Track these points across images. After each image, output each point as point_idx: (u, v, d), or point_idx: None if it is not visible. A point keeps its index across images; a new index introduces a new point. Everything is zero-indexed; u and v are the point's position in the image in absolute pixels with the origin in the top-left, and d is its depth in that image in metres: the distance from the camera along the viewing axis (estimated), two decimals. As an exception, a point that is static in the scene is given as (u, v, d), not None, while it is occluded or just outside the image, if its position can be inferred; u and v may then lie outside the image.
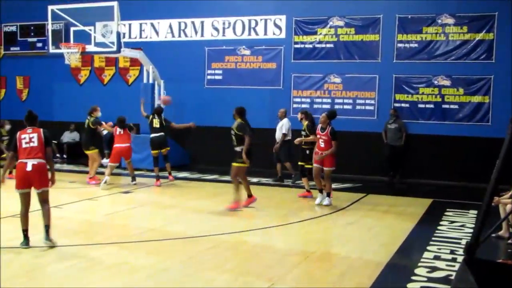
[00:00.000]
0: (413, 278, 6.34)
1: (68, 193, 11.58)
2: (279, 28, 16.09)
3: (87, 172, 13.63)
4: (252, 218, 9.75)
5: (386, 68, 15.01)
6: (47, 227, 7.54)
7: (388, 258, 7.20)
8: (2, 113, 19.20)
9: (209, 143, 16.56)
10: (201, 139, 16.66)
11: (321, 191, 11.09)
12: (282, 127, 13.79)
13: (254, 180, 14.20)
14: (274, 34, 16.19)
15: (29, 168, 7.31)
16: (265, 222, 9.34)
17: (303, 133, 11.85)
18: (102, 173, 13.08)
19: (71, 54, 14.31)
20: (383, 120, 14.85)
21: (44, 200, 7.55)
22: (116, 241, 7.93)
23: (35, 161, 7.35)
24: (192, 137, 16.55)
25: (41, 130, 7.59)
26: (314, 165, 10.99)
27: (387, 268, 6.79)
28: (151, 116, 13.54)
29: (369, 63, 15.24)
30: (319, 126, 11.01)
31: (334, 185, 13.50)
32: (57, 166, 15.49)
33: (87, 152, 13.17)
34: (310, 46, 15.78)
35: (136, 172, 14.22)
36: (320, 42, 15.67)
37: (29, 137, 7.42)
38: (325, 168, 10.85)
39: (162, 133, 13.37)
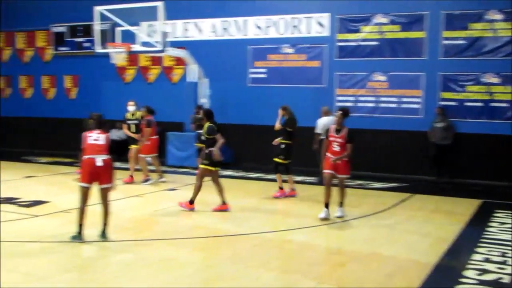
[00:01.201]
0: (462, 280, 6.24)
1: (116, 189, 11.74)
2: (323, 26, 16.00)
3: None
4: (297, 217, 9.73)
5: (432, 65, 14.75)
6: (105, 224, 7.81)
7: (436, 259, 7.10)
8: (52, 111, 19.72)
9: (252, 141, 16.61)
10: (244, 137, 16.71)
11: (327, 205, 9.46)
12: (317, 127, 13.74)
13: (299, 178, 14.17)
14: (317, 32, 16.10)
15: (99, 163, 7.56)
16: (310, 221, 9.31)
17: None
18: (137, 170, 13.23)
19: (117, 54, 14.55)
20: (429, 119, 14.61)
21: (106, 197, 7.81)
22: (163, 238, 8.05)
23: (104, 157, 7.61)
24: (236, 136, 16.62)
25: (107, 134, 7.85)
26: (325, 171, 9.53)
27: (436, 269, 6.69)
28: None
29: (414, 61, 15.00)
30: (333, 127, 9.62)
31: (379, 185, 13.44)
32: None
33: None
34: (354, 43, 15.64)
35: (180, 170, 14.46)
36: (364, 40, 15.52)
37: (96, 136, 7.70)
38: (339, 176, 9.53)
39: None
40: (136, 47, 14.82)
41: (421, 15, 14.83)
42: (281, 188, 11.70)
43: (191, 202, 9.95)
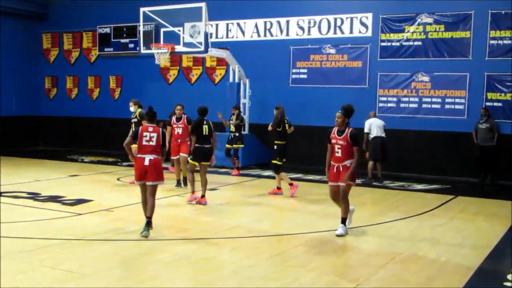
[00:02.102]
0: (506, 284, 6.11)
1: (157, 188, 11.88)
2: (365, 26, 15.86)
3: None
4: (336, 218, 9.63)
5: (477, 65, 14.45)
6: (149, 218, 8.11)
7: (479, 262, 6.96)
8: (96, 111, 20.11)
9: (293, 142, 16.51)
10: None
11: (343, 220, 8.45)
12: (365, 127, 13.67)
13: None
14: (360, 32, 15.98)
15: (146, 162, 8.04)
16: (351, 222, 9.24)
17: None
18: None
19: (160, 54, 14.73)
20: (473, 120, 14.31)
21: (152, 193, 8.15)
22: (202, 237, 8.11)
23: (152, 157, 8.09)
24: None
25: (160, 129, 8.33)
26: (331, 183, 8.41)
27: (478, 272, 6.56)
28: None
29: (459, 61, 14.73)
30: (335, 129, 8.43)
31: (421, 186, 13.24)
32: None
33: None
34: (397, 44, 15.45)
35: (221, 170, 14.55)
36: (407, 40, 15.32)
37: (150, 136, 8.17)
38: (341, 184, 8.25)
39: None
40: (179, 48, 14.98)
41: (466, 14, 14.56)
42: (278, 188, 11.85)
43: (202, 196, 10.48)
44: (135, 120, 12.61)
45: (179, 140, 12.25)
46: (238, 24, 17.65)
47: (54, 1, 21.14)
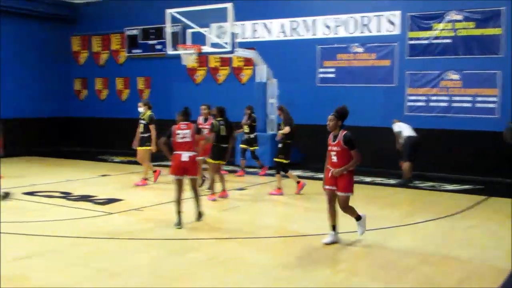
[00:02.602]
0: (541, 286, 5.98)
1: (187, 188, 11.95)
2: (393, 24, 15.70)
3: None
4: (367, 218, 9.56)
5: (509, 63, 14.20)
6: (198, 206, 8.93)
7: (512, 264, 6.84)
8: (125, 111, 20.30)
9: (321, 142, 16.42)
10: (313, 138, 16.60)
11: (334, 227, 7.86)
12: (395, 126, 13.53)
13: (368, 179, 14.00)
14: (387, 30, 15.83)
15: (185, 158, 8.68)
16: (380, 223, 9.15)
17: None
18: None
19: (188, 55, 14.80)
20: (505, 119, 14.05)
21: (194, 187, 8.94)
22: (231, 237, 8.13)
23: (190, 154, 8.76)
24: (305, 136, 16.58)
25: (194, 126, 9.02)
26: (326, 187, 7.91)
27: (512, 274, 6.44)
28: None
29: (490, 58, 14.47)
30: (331, 134, 7.89)
31: (452, 187, 13.07)
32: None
33: None
34: (426, 42, 15.26)
35: (249, 169, 14.59)
36: (436, 38, 15.11)
37: (183, 134, 8.82)
38: (339, 194, 7.74)
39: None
40: (206, 49, 15.03)
41: (497, 10, 14.30)
42: (279, 188, 11.73)
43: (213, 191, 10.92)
44: (143, 122, 12.61)
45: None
46: (265, 24, 17.65)
47: (83, 5, 21.40)
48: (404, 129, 13.47)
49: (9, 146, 18.32)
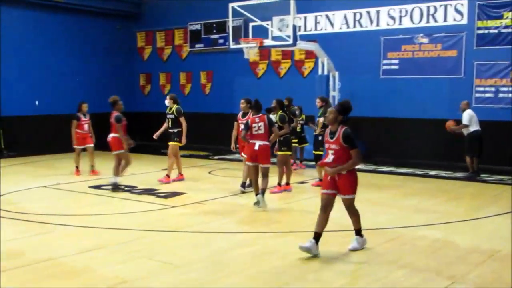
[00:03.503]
0: None
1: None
2: (461, 13, 15.21)
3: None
4: (431, 212, 9.38)
5: None
6: (263, 190, 9.52)
7: None
8: (188, 106, 20.56)
9: (384, 134, 16.26)
10: (376, 130, 16.39)
11: (316, 236, 6.81)
12: (462, 118, 13.06)
13: (432, 173, 13.69)
14: (454, 20, 15.34)
15: (256, 147, 9.55)
16: (446, 217, 8.95)
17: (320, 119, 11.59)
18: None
19: (250, 49, 14.83)
20: None
21: (264, 174, 9.66)
22: (293, 230, 8.11)
23: (261, 143, 9.58)
24: (368, 129, 16.36)
25: (265, 116, 9.80)
26: (323, 191, 6.98)
27: None
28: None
29: None
30: (328, 130, 6.98)
31: (522, 180, 12.56)
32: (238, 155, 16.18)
33: None
34: (495, 31, 14.70)
35: (311, 163, 14.48)
36: (506, 27, 14.52)
37: (258, 126, 9.64)
38: (342, 197, 6.93)
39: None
40: (268, 42, 15.00)
41: None
42: (320, 180, 11.28)
43: (279, 184, 11.14)
44: (171, 116, 12.54)
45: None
46: (327, 16, 17.46)
47: (147, 1, 21.82)
48: (474, 121, 13.01)
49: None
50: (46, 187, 11.75)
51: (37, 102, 18.75)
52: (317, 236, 6.78)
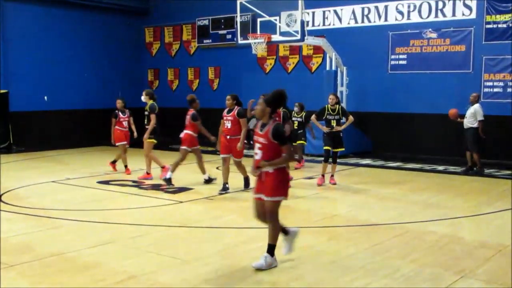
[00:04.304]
0: None
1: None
2: (469, 8, 15.14)
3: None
4: (439, 208, 9.36)
5: None
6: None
7: None
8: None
9: (392, 129, 16.23)
10: (384, 125, 16.37)
11: (270, 247, 6.12)
12: (476, 113, 12.92)
13: (440, 168, 13.66)
14: (463, 14, 15.28)
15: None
16: (453, 212, 8.94)
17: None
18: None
19: (257, 44, 14.83)
20: None
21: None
22: (301, 225, 8.10)
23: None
24: (376, 124, 16.33)
25: (281, 111, 10.47)
26: (254, 195, 6.23)
27: None
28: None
29: None
30: (259, 122, 6.17)
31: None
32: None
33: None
34: (504, 25, 14.64)
35: (318, 159, 14.46)
36: (515, 21, 14.49)
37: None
38: (264, 198, 6.04)
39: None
40: (276, 37, 15.01)
41: None
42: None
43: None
44: (146, 112, 12.53)
45: (228, 137, 10.66)
46: (335, 11, 17.42)
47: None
48: (479, 116, 12.92)
49: (84, 136, 19.11)
50: (54, 182, 11.81)
51: (46, 98, 18.82)
52: (270, 248, 6.09)
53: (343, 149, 11.68)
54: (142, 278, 5.80)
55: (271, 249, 6.07)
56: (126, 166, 13.10)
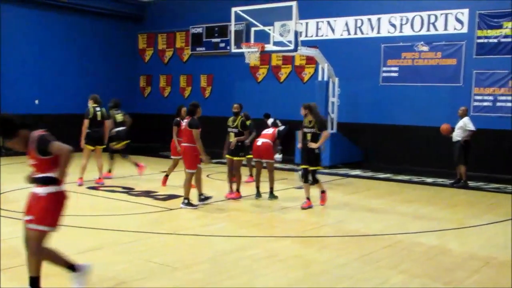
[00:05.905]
0: None
1: (245, 185, 12.03)
2: (461, 22, 15.30)
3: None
4: (427, 220, 9.43)
5: None
6: (271, 189, 10.80)
7: None
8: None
9: (383, 141, 16.32)
10: (375, 136, 16.46)
11: (71, 267, 5.44)
12: (465, 126, 13.00)
13: (429, 180, 13.74)
14: (455, 29, 15.44)
15: (259, 143, 10.84)
16: (441, 224, 9.01)
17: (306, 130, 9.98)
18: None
19: (251, 54, 14.87)
20: None
21: (270, 169, 10.79)
22: (291, 235, 8.14)
23: (264, 140, 10.89)
24: (366, 135, 16.42)
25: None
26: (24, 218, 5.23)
27: None
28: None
29: (562, 58, 13.93)
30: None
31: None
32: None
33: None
34: (495, 40, 14.80)
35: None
36: (506, 36, 14.63)
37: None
38: (27, 225, 5.20)
39: None
40: (269, 47, 15.05)
41: None
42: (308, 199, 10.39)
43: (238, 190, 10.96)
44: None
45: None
46: (328, 22, 17.54)
47: (149, 3, 21.86)
48: (468, 129, 12.99)
49: (75, 141, 19.01)
50: (45, 186, 11.73)
51: (36, 101, 18.75)
52: (71, 267, 5.28)
53: (320, 167, 10.46)
54: (132, 284, 5.80)
55: (72, 269, 5.31)
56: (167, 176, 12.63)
